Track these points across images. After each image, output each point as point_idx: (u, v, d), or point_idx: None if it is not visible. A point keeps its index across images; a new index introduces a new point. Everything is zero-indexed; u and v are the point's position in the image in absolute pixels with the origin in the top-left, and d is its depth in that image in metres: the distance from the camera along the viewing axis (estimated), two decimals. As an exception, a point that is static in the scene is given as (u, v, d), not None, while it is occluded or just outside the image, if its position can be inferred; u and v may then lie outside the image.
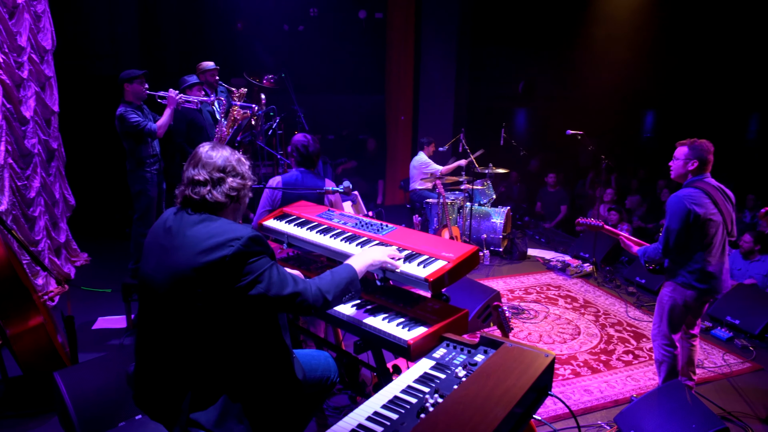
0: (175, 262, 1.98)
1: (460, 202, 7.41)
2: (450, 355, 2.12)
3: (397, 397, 1.84)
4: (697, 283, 3.64)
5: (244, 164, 2.17)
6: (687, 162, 3.70)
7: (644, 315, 5.74)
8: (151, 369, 2.12)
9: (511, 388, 1.77)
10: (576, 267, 6.96)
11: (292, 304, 2.03)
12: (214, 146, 2.14)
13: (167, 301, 2.00)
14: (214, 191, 2.04)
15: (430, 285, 2.25)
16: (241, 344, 2.03)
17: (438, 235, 6.79)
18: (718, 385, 4.42)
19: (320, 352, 2.48)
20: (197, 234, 1.98)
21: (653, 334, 3.90)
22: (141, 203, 5.04)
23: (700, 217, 3.52)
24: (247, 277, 1.94)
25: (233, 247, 1.92)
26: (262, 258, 1.99)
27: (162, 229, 2.12)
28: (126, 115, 4.72)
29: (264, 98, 5.98)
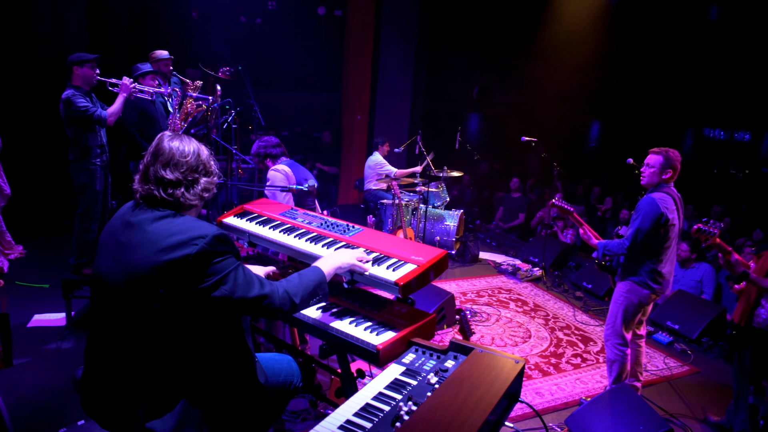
0: (133, 260, 1.86)
1: (415, 203, 7.44)
2: (420, 361, 2.09)
3: (369, 405, 1.80)
4: (653, 283, 3.79)
5: (213, 160, 2.08)
6: (662, 171, 3.81)
7: (591, 319, 5.92)
8: (104, 373, 1.98)
9: (484, 396, 1.76)
10: (526, 271, 7.11)
11: (258, 307, 1.94)
12: (182, 139, 2.00)
13: (124, 300, 1.88)
14: (188, 193, 1.94)
15: (401, 289, 2.22)
16: (202, 348, 1.93)
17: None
18: (660, 388, 4.61)
19: (283, 356, 2.40)
20: (158, 231, 1.87)
21: (606, 334, 4.02)
22: (85, 197, 4.75)
23: (668, 221, 3.66)
24: (211, 278, 1.84)
25: (197, 245, 1.82)
26: (227, 258, 1.90)
27: (119, 224, 2.00)
28: (73, 99, 4.44)
29: (219, 90, 5.79)
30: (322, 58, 9.37)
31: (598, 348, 5.25)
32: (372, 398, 1.84)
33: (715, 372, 4.98)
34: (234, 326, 2.02)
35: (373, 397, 1.85)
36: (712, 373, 4.94)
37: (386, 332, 2.20)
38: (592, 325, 5.76)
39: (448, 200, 8.12)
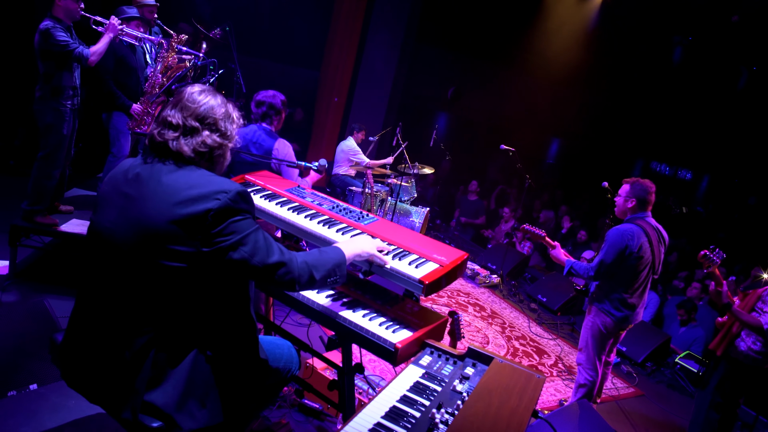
0: (144, 213, 1.70)
1: (383, 195, 7.35)
2: (437, 364, 2.02)
3: (396, 408, 1.71)
4: (615, 311, 3.87)
5: (232, 121, 1.91)
6: (627, 200, 3.93)
7: (545, 332, 6.05)
8: (96, 340, 1.79)
9: (516, 409, 1.71)
10: (485, 277, 7.19)
11: (274, 274, 1.80)
12: (207, 91, 1.87)
13: (131, 257, 1.71)
14: (182, 140, 1.78)
15: (425, 288, 2.13)
16: (207, 313, 1.80)
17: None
18: (609, 407, 4.76)
19: (283, 341, 2.27)
20: (176, 182, 1.73)
21: (579, 359, 4.08)
22: (50, 140, 4.33)
23: (633, 253, 3.74)
24: (231, 237, 1.71)
25: (219, 200, 1.69)
26: (248, 218, 1.77)
27: (124, 176, 1.83)
28: (53, 31, 4.03)
29: (205, 48, 5.47)
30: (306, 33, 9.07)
31: (551, 361, 5.36)
32: (397, 400, 1.75)
33: (658, 396, 5.21)
34: (241, 293, 1.89)
35: (398, 399, 1.76)
36: (655, 397, 5.16)
37: (402, 330, 2.11)
38: (545, 338, 5.89)
39: (416, 196, 8.09)
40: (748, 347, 3.79)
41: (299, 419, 2.99)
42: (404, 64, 9.60)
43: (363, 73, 9.25)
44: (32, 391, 2.77)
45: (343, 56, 8.96)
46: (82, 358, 1.83)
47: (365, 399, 3.11)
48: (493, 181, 12.02)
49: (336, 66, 9.00)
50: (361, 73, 9.24)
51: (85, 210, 4.91)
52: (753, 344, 3.78)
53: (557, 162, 14.53)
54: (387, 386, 1.82)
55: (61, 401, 2.76)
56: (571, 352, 5.67)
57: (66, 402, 2.76)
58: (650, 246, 3.85)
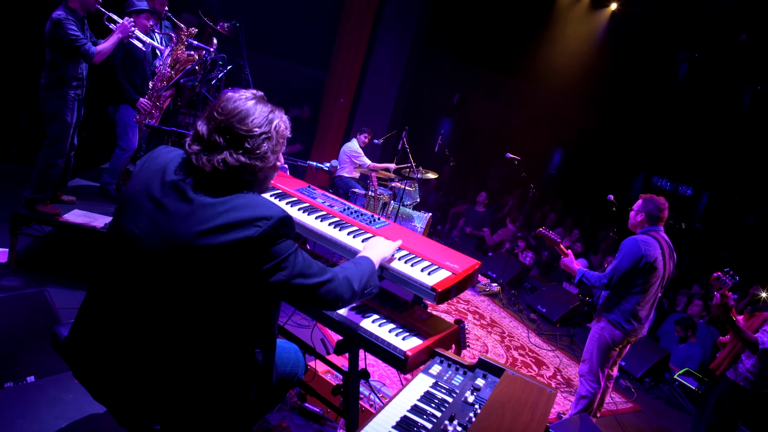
0: (178, 231, 1.61)
1: (386, 198, 7.32)
2: (447, 374, 1.99)
3: (408, 417, 1.67)
4: (626, 324, 3.85)
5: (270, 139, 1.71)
6: (637, 214, 3.93)
7: (544, 343, 6.02)
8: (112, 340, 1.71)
9: (529, 424, 1.68)
10: (485, 285, 7.16)
11: (316, 294, 1.74)
12: (242, 99, 1.69)
13: (158, 268, 1.63)
14: (203, 156, 1.64)
15: (437, 295, 2.10)
16: (231, 325, 1.71)
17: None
18: (607, 421, 4.73)
19: (291, 345, 2.23)
20: (215, 203, 1.62)
21: (582, 370, 4.05)
22: (55, 128, 4.29)
23: (649, 263, 3.71)
24: (270, 262, 1.63)
25: (260, 227, 1.59)
26: (286, 241, 1.68)
27: (159, 177, 1.70)
28: (65, 23, 3.98)
29: (215, 43, 5.43)
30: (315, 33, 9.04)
31: (550, 373, 5.33)
32: (408, 410, 1.71)
33: (656, 412, 5.18)
34: (270, 312, 1.82)
35: (409, 409, 1.72)
36: (653, 413, 5.13)
37: (412, 338, 2.08)
38: (545, 349, 5.85)
39: (419, 201, 8.06)
40: (747, 369, 3.76)
41: (299, 423, 2.95)
42: (411, 68, 9.58)
43: (370, 75, 9.22)
44: (29, 383, 2.72)
45: (351, 57, 8.93)
46: (94, 356, 1.77)
47: (366, 404, 3.07)
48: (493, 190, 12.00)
49: (343, 67, 8.97)
50: (368, 75, 9.21)
51: (87, 200, 4.85)
52: (752, 367, 3.75)
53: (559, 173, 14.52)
54: (397, 395, 1.79)
55: (59, 394, 2.71)
56: (570, 365, 5.64)
57: (64, 395, 2.71)
58: (663, 259, 3.84)
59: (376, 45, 9.05)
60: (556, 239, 4.17)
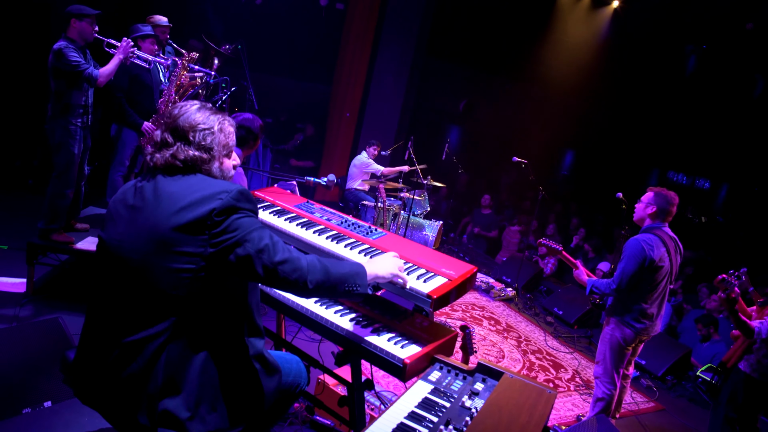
0: (150, 221, 1.74)
1: (396, 209, 7.35)
2: (446, 380, 2.00)
3: (404, 424, 1.68)
4: (636, 323, 3.80)
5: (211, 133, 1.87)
6: (647, 206, 3.87)
7: (561, 345, 5.96)
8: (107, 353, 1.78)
9: (526, 426, 1.68)
10: (499, 290, 7.12)
11: (281, 272, 1.76)
12: (187, 104, 1.90)
13: (140, 266, 1.73)
14: (156, 154, 1.83)
15: (433, 302, 2.11)
16: (217, 319, 1.80)
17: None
18: (628, 422, 4.66)
19: (292, 356, 2.26)
20: (178, 188, 1.77)
21: (597, 372, 4.01)
22: (61, 158, 4.40)
23: (654, 263, 3.67)
24: (236, 234, 1.72)
25: (222, 199, 1.72)
26: (251, 216, 1.79)
27: (131, 191, 1.87)
28: (66, 51, 4.11)
29: (217, 65, 5.55)
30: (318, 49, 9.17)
31: (568, 375, 5.27)
32: (405, 417, 1.73)
33: (679, 411, 5.08)
34: (245, 296, 1.89)
35: (406, 416, 1.73)
36: (676, 412, 5.04)
37: (411, 345, 2.09)
38: (562, 352, 5.80)
39: (429, 209, 8.07)
40: (758, 360, 3.68)
41: (311, 436, 2.97)
42: (415, 78, 9.64)
43: (374, 87, 9.30)
44: (46, 408, 2.79)
45: (354, 71, 9.03)
46: (93, 373, 1.83)
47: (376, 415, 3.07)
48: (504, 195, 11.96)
49: (347, 81, 9.07)
50: (372, 87, 9.29)
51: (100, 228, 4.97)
52: (764, 357, 3.67)
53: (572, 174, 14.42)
54: (395, 402, 1.80)
55: (75, 418, 2.77)
56: (589, 366, 5.57)
57: (79, 419, 2.77)
58: (669, 255, 3.79)
59: (378, 57, 9.14)
60: (557, 248, 4.15)
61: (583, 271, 4.12)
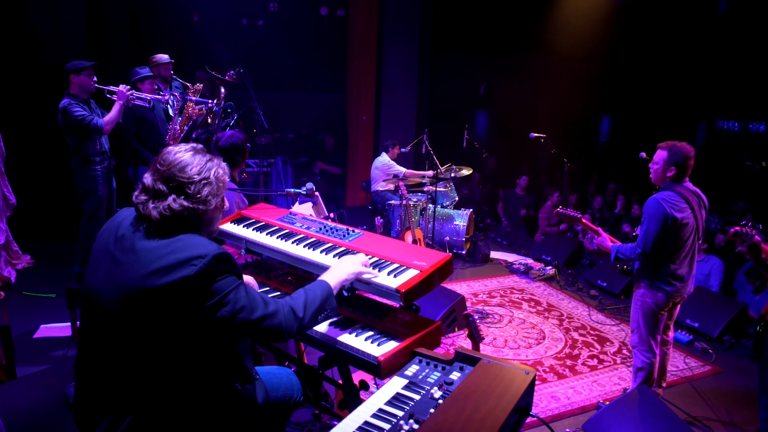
0: (125, 279, 1.73)
1: (423, 204, 7.30)
2: (423, 373, 1.97)
3: (367, 423, 1.67)
4: (665, 286, 3.62)
5: (208, 184, 1.82)
6: (666, 168, 3.67)
7: (607, 318, 5.75)
8: (93, 392, 1.87)
9: (492, 411, 1.63)
10: (539, 270, 6.95)
11: (261, 329, 1.80)
12: (187, 150, 1.84)
13: (116, 319, 1.75)
14: (150, 204, 1.76)
15: (402, 296, 2.09)
16: (198, 368, 1.80)
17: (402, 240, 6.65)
18: (681, 389, 4.43)
19: (282, 369, 2.29)
20: (151, 249, 1.73)
21: (633, 341, 3.85)
22: (89, 203, 4.68)
23: (677, 221, 3.49)
24: (211, 299, 1.71)
25: (195, 266, 1.68)
26: (227, 277, 1.75)
27: (114, 233, 1.85)
28: (70, 108, 4.37)
29: (223, 93, 5.70)
30: (326, 59, 9.26)
31: (614, 348, 5.08)
32: (371, 415, 1.72)
33: (738, 371, 4.79)
34: (232, 348, 1.89)
35: (372, 414, 1.72)
36: (735, 373, 4.76)
37: (388, 342, 2.08)
38: (608, 325, 5.59)
39: (457, 199, 7.98)
40: None
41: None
42: (425, 70, 9.55)
43: (386, 87, 9.29)
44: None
45: (364, 74, 9.05)
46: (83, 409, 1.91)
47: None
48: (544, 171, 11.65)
49: (359, 85, 9.11)
50: (383, 87, 9.28)
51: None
52: None
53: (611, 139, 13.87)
54: (365, 402, 1.80)
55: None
56: (637, 336, 5.35)
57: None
58: (692, 210, 3.59)
59: (384, 57, 9.12)
60: (576, 215, 4.00)
61: (607, 237, 3.95)
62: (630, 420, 3.52)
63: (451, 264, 2.31)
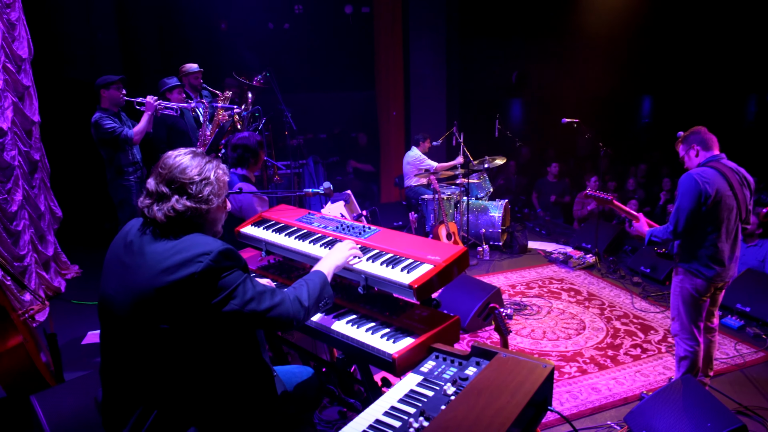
0: (136, 282, 1.78)
1: (457, 197, 7.22)
2: (439, 369, 1.93)
3: (379, 421, 1.66)
4: (705, 270, 3.45)
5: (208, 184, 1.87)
6: (688, 153, 3.56)
7: (651, 306, 5.55)
8: (118, 395, 1.93)
9: (505, 407, 1.59)
10: (578, 258, 6.77)
11: (270, 319, 1.85)
12: (186, 154, 1.89)
13: (130, 323, 1.81)
14: (154, 207, 1.82)
15: (415, 292, 2.06)
16: (215, 365, 1.85)
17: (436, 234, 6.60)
18: (732, 377, 4.23)
19: (302, 368, 2.30)
20: (159, 250, 1.79)
21: (674, 329, 3.69)
22: (124, 213, 4.85)
23: (712, 198, 3.32)
24: (220, 294, 1.76)
25: (202, 263, 1.73)
26: (234, 272, 1.81)
27: (123, 241, 1.92)
28: (101, 121, 4.53)
29: (251, 98, 5.78)
30: (353, 56, 9.27)
31: (659, 337, 4.89)
32: (384, 413, 1.70)
33: (794, 357, 4.54)
34: (247, 341, 1.94)
35: (384, 412, 1.71)
36: (791, 359, 4.51)
37: (404, 339, 2.06)
38: (652, 312, 5.39)
39: (492, 190, 7.85)
40: None
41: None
42: (454, 61, 9.42)
43: (414, 80, 9.22)
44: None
45: (391, 69, 9.02)
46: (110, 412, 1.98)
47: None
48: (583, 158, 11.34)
49: (387, 80, 9.08)
50: (412, 81, 9.22)
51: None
52: None
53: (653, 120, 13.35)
54: (378, 399, 1.78)
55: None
56: (683, 323, 5.13)
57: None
58: (731, 189, 3.40)
59: (411, 50, 9.06)
60: (608, 198, 3.87)
61: (644, 221, 3.80)
62: (673, 411, 3.38)
63: (467, 256, 2.26)
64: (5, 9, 5.45)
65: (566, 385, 4.12)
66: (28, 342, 3.62)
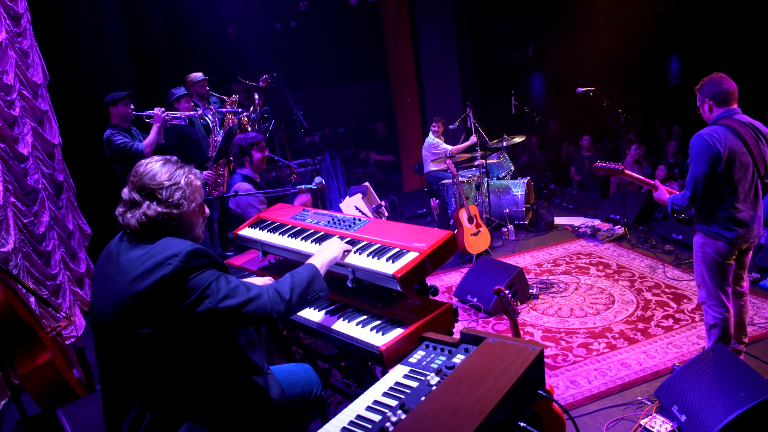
0: (115, 291, 1.82)
1: (477, 178, 7.09)
2: (428, 359, 1.89)
3: (360, 417, 1.63)
4: (726, 232, 3.27)
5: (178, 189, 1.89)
6: (702, 107, 3.38)
7: (684, 274, 5.34)
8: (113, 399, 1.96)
9: (486, 394, 1.53)
10: (607, 231, 6.56)
11: (246, 314, 1.82)
12: (157, 161, 1.93)
13: (114, 332, 1.84)
14: (128, 214, 1.86)
15: (399, 281, 2.02)
16: (201, 368, 1.86)
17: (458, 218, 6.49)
18: (765, 344, 4.03)
19: (299, 366, 2.29)
20: (133, 257, 1.82)
21: (700, 296, 3.53)
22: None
23: (723, 157, 3.14)
24: (192, 294, 1.76)
25: (171, 264, 1.75)
26: (206, 271, 1.81)
27: (106, 255, 1.97)
28: (112, 138, 4.62)
29: (257, 99, 5.81)
30: (363, 47, 9.20)
31: (692, 305, 4.70)
32: (366, 408, 1.67)
33: (838, 317, 4.29)
34: (231, 342, 1.94)
35: (367, 406, 1.67)
36: (835, 319, 4.26)
37: (393, 330, 2.02)
38: (685, 281, 5.18)
39: (513, 169, 7.69)
40: None
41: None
42: (465, 41, 9.23)
43: (426, 65, 9.09)
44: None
45: (402, 56, 8.91)
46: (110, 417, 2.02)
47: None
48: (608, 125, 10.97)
49: (399, 68, 8.98)
50: (423, 66, 9.09)
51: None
52: None
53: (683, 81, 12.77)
54: (363, 394, 1.75)
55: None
56: (719, 289, 4.91)
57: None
58: (745, 146, 3.21)
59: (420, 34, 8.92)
60: (618, 168, 3.72)
61: (664, 189, 3.64)
62: (705, 382, 3.24)
63: (454, 240, 2.20)
64: (17, 38, 5.61)
65: (594, 362, 4.00)
66: (57, 358, 3.73)
